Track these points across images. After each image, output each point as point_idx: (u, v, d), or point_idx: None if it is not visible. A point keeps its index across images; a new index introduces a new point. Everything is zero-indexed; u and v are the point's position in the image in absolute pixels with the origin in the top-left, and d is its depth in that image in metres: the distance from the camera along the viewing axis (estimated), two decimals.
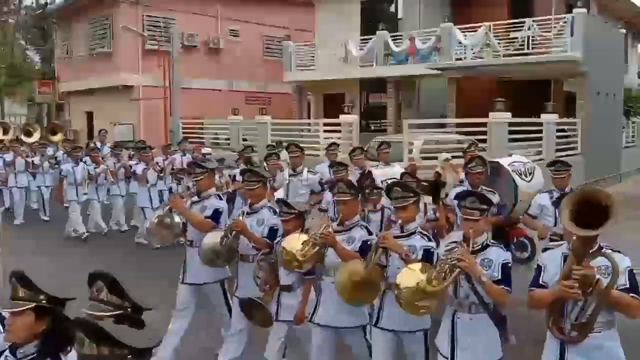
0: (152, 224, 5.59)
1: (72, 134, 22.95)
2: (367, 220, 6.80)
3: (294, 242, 4.36)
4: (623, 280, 3.30)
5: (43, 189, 13.51)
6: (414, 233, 4.21)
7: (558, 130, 15.18)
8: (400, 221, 4.31)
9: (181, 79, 19.50)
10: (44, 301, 2.63)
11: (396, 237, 4.18)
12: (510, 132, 13.35)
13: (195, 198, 5.44)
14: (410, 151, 13.30)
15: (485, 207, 3.82)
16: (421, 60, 18.46)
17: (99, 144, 14.23)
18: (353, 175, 8.35)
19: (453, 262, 3.56)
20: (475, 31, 17.38)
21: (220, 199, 5.48)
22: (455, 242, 3.86)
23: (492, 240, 3.90)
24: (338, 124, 16.48)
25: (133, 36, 21.57)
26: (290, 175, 8.40)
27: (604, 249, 3.35)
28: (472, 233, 3.72)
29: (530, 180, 7.16)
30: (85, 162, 11.69)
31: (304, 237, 4.36)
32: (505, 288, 3.65)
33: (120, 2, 22.05)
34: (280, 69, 22.66)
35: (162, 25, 22.15)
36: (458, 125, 16.24)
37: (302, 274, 4.55)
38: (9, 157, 13.35)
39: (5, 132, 17.15)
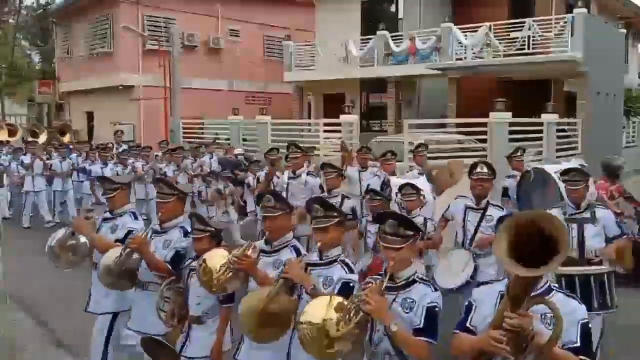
0: (53, 247, 4.86)
1: (73, 134, 22.92)
2: (366, 232, 6.29)
3: (217, 259, 3.67)
4: (574, 336, 2.54)
5: (57, 193, 12.79)
6: (334, 261, 3.46)
7: (558, 130, 15.16)
8: (319, 244, 3.52)
9: (181, 79, 19.50)
10: None
11: (313, 264, 3.48)
12: (511, 132, 13.34)
13: (108, 215, 4.82)
14: (411, 151, 13.28)
15: (410, 233, 3.04)
16: (421, 60, 18.47)
17: (116, 145, 13.72)
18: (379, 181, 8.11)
19: (358, 303, 2.88)
20: (475, 31, 17.39)
21: (136, 218, 4.80)
22: (379, 274, 3.15)
23: (420, 276, 3.12)
24: (338, 124, 16.47)
25: (133, 36, 21.57)
26: (289, 178, 7.79)
27: (554, 291, 2.66)
28: (393, 266, 2.97)
29: None
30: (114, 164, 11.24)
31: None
32: (427, 340, 2.89)
33: (120, 2, 22.05)
34: (280, 69, 22.65)
35: (163, 25, 22.14)
36: (458, 125, 16.23)
37: (218, 301, 3.89)
38: (26, 159, 12.69)
39: (13, 133, 16.87)
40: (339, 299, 3.05)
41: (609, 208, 6.06)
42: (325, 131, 16.41)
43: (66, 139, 15.66)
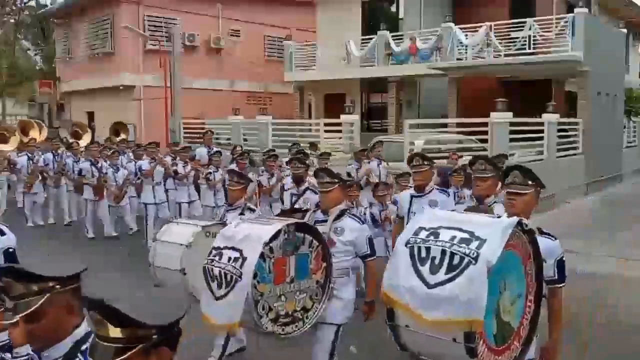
0: None
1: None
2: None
3: None
4: None
5: (184, 205, 10.56)
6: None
7: (559, 130, 15.17)
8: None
9: (182, 79, 19.49)
10: None
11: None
12: (512, 132, 13.34)
13: None
14: (412, 151, 13.30)
15: None
16: (422, 60, 18.46)
17: (205, 149, 11.75)
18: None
19: None
20: (476, 31, 17.38)
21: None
22: None
23: None
24: (339, 124, 16.48)
25: (134, 36, 21.56)
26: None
27: None
28: None
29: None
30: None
31: None
32: None
33: (121, 2, 22.05)
34: (281, 69, 22.66)
35: (163, 25, 22.13)
36: (459, 125, 16.23)
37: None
38: (145, 165, 10.45)
39: (35, 132, 15.50)
40: None
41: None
42: (326, 131, 16.41)
43: (122, 137, 13.76)
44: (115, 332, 1.71)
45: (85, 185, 11.15)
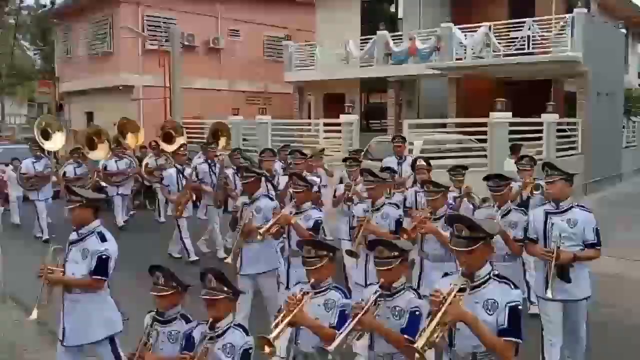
0: None
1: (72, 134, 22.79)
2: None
3: None
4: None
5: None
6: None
7: (558, 130, 15.16)
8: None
9: (181, 79, 19.50)
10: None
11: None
12: (511, 132, 13.33)
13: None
14: (411, 151, 13.29)
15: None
16: (421, 60, 18.44)
17: (395, 159, 9.30)
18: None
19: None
20: (475, 31, 17.37)
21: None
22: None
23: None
24: (338, 124, 16.48)
25: (133, 36, 21.58)
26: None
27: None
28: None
29: None
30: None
31: None
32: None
33: (120, 2, 22.06)
34: (280, 69, 22.66)
35: (163, 25, 22.15)
36: (458, 125, 16.23)
37: None
38: (320, 179, 7.99)
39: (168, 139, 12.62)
40: None
41: None
42: (325, 131, 16.41)
43: (222, 143, 11.41)
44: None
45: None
